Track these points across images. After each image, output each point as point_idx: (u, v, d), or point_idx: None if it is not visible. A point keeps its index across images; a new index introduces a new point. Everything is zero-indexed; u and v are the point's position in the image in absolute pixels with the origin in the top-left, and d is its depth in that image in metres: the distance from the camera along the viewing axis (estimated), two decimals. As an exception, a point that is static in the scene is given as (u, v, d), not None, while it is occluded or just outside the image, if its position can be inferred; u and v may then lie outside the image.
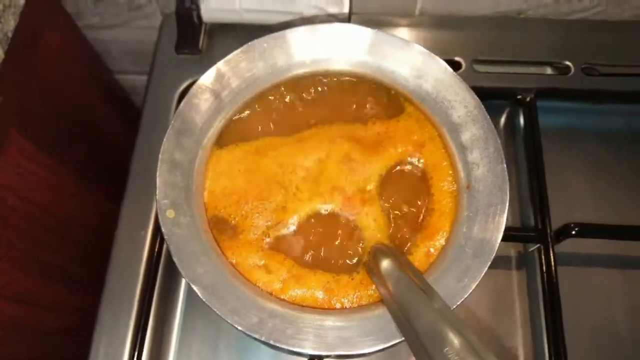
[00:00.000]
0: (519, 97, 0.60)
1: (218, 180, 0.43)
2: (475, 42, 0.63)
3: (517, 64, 0.63)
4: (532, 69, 0.63)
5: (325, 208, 0.42)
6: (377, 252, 0.39)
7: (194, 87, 0.43)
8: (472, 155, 0.41)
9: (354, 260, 0.41)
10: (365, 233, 0.41)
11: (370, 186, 0.43)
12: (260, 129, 0.45)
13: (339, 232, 0.42)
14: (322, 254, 0.41)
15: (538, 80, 0.61)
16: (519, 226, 0.57)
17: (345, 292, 0.40)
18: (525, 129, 0.60)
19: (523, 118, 0.60)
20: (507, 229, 0.53)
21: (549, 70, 0.64)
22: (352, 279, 0.40)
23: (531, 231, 0.54)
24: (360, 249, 0.41)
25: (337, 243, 0.41)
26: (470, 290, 0.37)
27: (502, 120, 0.63)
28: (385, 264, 0.37)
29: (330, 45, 0.45)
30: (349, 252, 0.41)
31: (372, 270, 0.39)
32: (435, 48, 0.45)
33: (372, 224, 0.41)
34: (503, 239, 0.47)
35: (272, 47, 0.45)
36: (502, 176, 0.40)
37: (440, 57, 0.44)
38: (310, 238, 0.42)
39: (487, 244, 0.38)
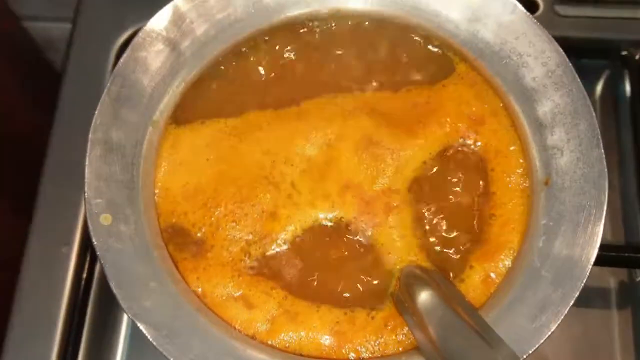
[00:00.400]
0: (623, 53, 0.61)
1: (176, 172, 0.44)
2: (560, -31, 0.64)
3: (621, 3, 0.63)
4: (646, 11, 0.64)
5: (332, 216, 0.43)
6: (411, 280, 0.39)
7: (140, 34, 0.44)
8: (554, 136, 0.42)
9: (375, 293, 0.41)
10: (390, 253, 0.42)
11: (400, 185, 0.43)
12: (239, 100, 0.46)
13: (353, 250, 0.42)
14: (328, 281, 0.42)
15: (653, 29, 0.62)
16: (622, 244, 0.57)
17: (363, 337, 0.40)
18: (632, 99, 0.60)
19: (630, 84, 0.61)
20: (603, 248, 0.54)
21: (669, 13, 0.64)
22: (372, 318, 0.40)
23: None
24: (384, 274, 0.42)
25: (350, 266, 0.42)
26: (549, 334, 0.37)
27: (599, 87, 0.64)
28: (424, 296, 0.37)
29: (342, -27, 0.46)
30: (368, 278, 0.42)
31: (403, 305, 0.39)
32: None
33: (397, 242, 0.42)
34: (598, 262, 0.47)
35: (257, -24, 0.45)
36: (598, 167, 0.40)
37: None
38: (312, 258, 0.42)
39: (574, 265, 0.38)
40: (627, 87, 0.62)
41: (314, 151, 0.44)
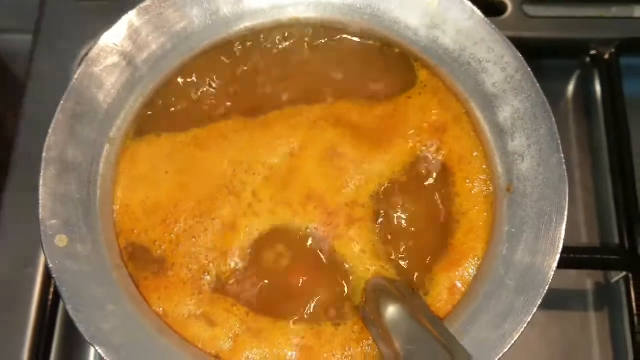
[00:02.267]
0: (593, 52, 0.61)
1: (135, 188, 0.44)
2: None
3: (590, 3, 0.64)
4: (614, 11, 0.65)
5: (294, 226, 0.43)
6: (378, 292, 0.40)
7: (95, 49, 0.44)
8: (515, 141, 0.42)
9: (340, 305, 0.42)
10: (353, 265, 0.42)
11: (363, 197, 0.44)
12: (199, 113, 0.46)
13: (316, 262, 0.42)
14: (290, 295, 0.42)
15: (622, 28, 0.62)
16: (598, 246, 0.58)
17: (330, 351, 0.40)
18: (604, 100, 0.61)
19: (600, 85, 0.62)
20: (580, 251, 0.54)
21: (638, 12, 0.65)
22: (338, 332, 0.41)
23: (614, 253, 0.55)
24: (348, 286, 0.42)
25: (312, 279, 0.42)
26: (513, 342, 0.38)
27: (570, 87, 0.65)
28: (391, 310, 0.37)
29: (299, -19, 0.46)
30: (333, 291, 0.42)
31: (369, 317, 0.40)
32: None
33: (360, 254, 0.42)
34: (575, 265, 0.48)
35: (213, -14, 0.46)
36: (558, 171, 0.41)
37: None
38: (273, 273, 0.42)
39: (537, 272, 0.39)
40: (598, 87, 0.62)
41: (277, 160, 0.44)
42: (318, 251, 0.43)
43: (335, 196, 0.44)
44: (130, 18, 0.45)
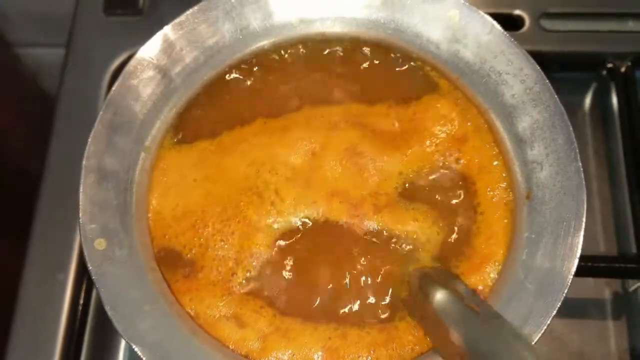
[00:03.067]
0: (609, 66, 0.63)
1: (167, 195, 0.46)
2: (545, -14, 0.66)
3: (606, 17, 0.65)
4: (630, 25, 0.66)
5: (321, 222, 0.44)
6: (422, 280, 0.40)
7: (132, 62, 0.46)
8: (534, 150, 0.44)
9: (383, 298, 0.43)
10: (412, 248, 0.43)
11: (389, 189, 0.45)
12: (227, 119, 0.48)
13: (348, 257, 0.44)
14: (319, 295, 0.43)
15: (637, 42, 0.64)
16: (615, 255, 0.59)
17: (357, 352, 0.42)
18: (620, 112, 0.62)
19: (616, 97, 0.63)
20: (598, 259, 0.54)
21: (654, 27, 0.66)
22: (363, 331, 0.42)
23: (632, 262, 0.56)
24: (385, 280, 0.43)
25: (341, 276, 0.43)
26: (533, 343, 0.39)
27: (588, 99, 0.66)
28: (439, 297, 0.37)
29: (326, -3, 0.48)
30: (374, 285, 0.43)
31: (416, 309, 0.40)
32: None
33: (413, 231, 0.44)
34: (594, 273, 0.48)
35: (243, 3, 0.48)
36: (576, 179, 0.42)
37: (493, 10, 0.47)
38: (300, 271, 0.44)
39: (556, 277, 0.40)
40: (615, 99, 0.63)
41: (300, 160, 0.46)
42: (354, 238, 0.44)
43: (359, 189, 0.45)
44: (165, 33, 0.47)
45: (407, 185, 0.46)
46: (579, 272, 0.41)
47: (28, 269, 0.56)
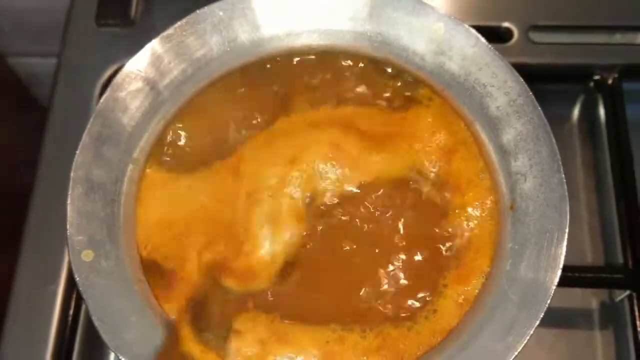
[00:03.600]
0: (597, 78, 0.64)
1: (152, 207, 0.47)
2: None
3: (594, 29, 0.67)
4: (618, 38, 0.67)
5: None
6: None
7: (120, 75, 0.47)
8: (517, 162, 0.45)
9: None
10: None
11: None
12: (215, 130, 0.49)
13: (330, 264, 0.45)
14: (309, 300, 0.44)
15: (625, 54, 0.65)
16: (602, 265, 0.59)
17: (354, 357, 0.42)
18: (607, 124, 0.63)
19: (604, 108, 0.64)
20: (585, 269, 0.55)
21: (640, 39, 0.67)
22: (361, 336, 0.43)
23: (618, 272, 0.57)
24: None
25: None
26: (517, 352, 0.39)
27: (576, 111, 0.67)
28: None
29: (313, 11, 0.49)
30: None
31: None
32: (471, 9, 0.48)
33: None
34: (580, 284, 0.48)
35: (231, 16, 0.49)
36: (559, 191, 0.43)
37: (482, 22, 0.48)
38: (286, 281, 0.44)
39: (539, 287, 0.41)
40: (602, 111, 0.64)
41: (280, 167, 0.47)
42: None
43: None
44: (153, 45, 0.48)
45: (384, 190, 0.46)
46: (566, 283, 0.42)
47: (18, 280, 0.56)
